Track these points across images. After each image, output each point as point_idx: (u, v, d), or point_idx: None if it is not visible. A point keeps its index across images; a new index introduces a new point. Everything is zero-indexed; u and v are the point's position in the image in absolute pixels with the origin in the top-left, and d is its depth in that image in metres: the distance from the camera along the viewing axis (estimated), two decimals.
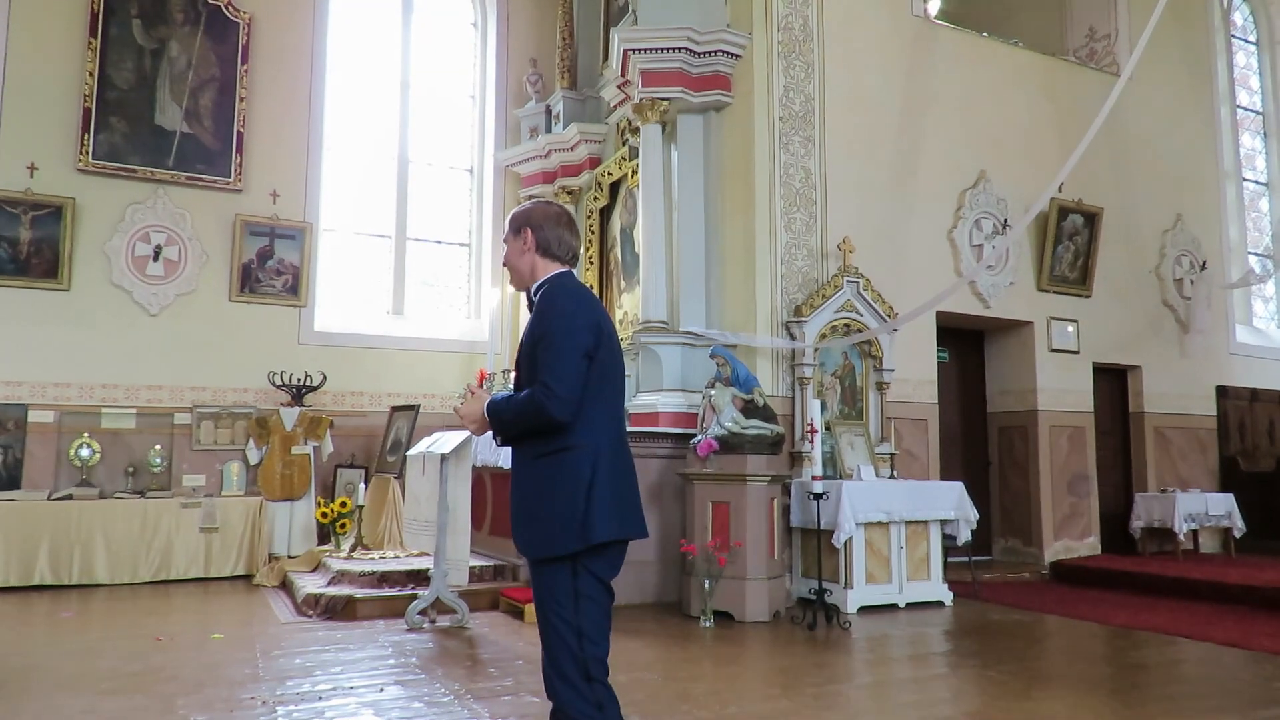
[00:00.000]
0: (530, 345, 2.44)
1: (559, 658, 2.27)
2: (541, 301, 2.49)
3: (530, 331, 2.46)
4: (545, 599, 2.33)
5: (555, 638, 2.29)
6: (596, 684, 2.26)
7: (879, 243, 7.70)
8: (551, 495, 2.34)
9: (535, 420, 2.35)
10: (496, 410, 2.44)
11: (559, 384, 2.32)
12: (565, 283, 2.52)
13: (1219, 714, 3.90)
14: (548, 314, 2.43)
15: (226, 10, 8.74)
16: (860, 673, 4.74)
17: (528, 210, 2.63)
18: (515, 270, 2.61)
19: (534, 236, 2.55)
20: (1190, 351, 9.77)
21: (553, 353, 2.36)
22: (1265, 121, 11.96)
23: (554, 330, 2.39)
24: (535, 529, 2.35)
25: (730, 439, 6.18)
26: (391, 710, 3.79)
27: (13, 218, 7.91)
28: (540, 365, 2.36)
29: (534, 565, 2.37)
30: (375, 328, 9.42)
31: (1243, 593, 6.86)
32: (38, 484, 7.72)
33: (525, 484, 2.42)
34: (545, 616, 2.33)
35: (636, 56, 7.42)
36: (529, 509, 2.38)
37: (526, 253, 2.56)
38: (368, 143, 9.84)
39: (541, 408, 2.32)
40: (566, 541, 2.30)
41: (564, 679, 2.25)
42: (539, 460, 2.38)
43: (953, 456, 8.60)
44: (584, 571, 2.30)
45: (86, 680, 4.18)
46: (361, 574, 6.44)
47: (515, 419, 2.40)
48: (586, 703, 2.22)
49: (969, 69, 8.53)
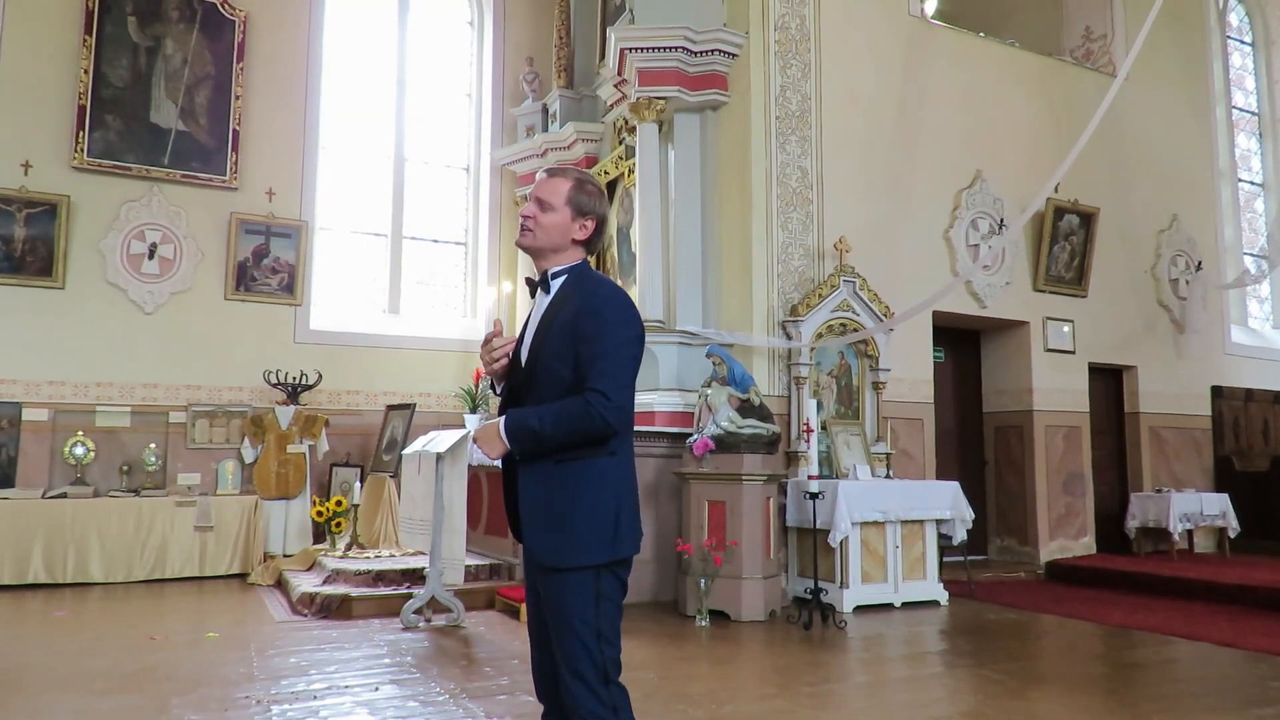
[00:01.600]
0: (566, 341, 2.19)
1: (577, 661, 2.14)
2: (586, 296, 2.23)
3: (570, 326, 2.19)
4: (564, 604, 2.17)
5: (573, 641, 2.14)
6: (613, 686, 2.16)
7: (875, 242, 7.70)
8: (581, 503, 2.18)
9: (587, 432, 2.14)
10: (527, 428, 2.15)
11: (618, 393, 2.15)
12: (604, 280, 2.34)
13: (1213, 713, 3.91)
14: (601, 313, 2.19)
15: (222, 8, 8.71)
16: (856, 672, 4.74)
17: (599, 196, 2.35)
18: (544, 233, 2.29)
19: (593, 228, 2.32)
20: (1185, 351, 9.80)
21: (610, 359, 2.15)
22: (1261, 122, 11.99)
23: (609, 334, 2.17)
24: (562, 537, 2.17)
25: (726, 438, 6.18)
26: (386, 709, 3.78)
27: (7, 215, 7.88)
28: (593, 369, 2.14)
29: (553, 571, 2.19)
30: (371, 326, 9.41)
31: (1237, 592, 6.87)
32: (32, 482, 7.70)
33: (548, 489, 2.20)
34: (564, 621, 2.16)
35: (633, 55, 7.42)
36: (553, 515, 2.18)
37: (572, 233, 2.30)
38: (364, 141, 9.82)
39: (600, 418, 2.12)
40: (598, 551, 2.17)
41: (581, 681, 2.13)
42: (564, 465, 2.18)
43: (948, 456, 8.61)
44: (606, 574, 2.19)
45: (80, 679, 4.17)
46: (357, 573, 6.43)
47: (559, 432, 2.14)
48: (602, 705, 2.11)
49: (965, 69, 8.54)
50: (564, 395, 2.17)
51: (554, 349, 2.20)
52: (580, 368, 2.17)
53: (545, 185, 2.31)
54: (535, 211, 2.29)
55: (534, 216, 2.29)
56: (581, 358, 2.17)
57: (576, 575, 2.17)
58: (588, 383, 2.14)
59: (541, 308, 2.31)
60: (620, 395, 2.16)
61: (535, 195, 2.31)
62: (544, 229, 2.29)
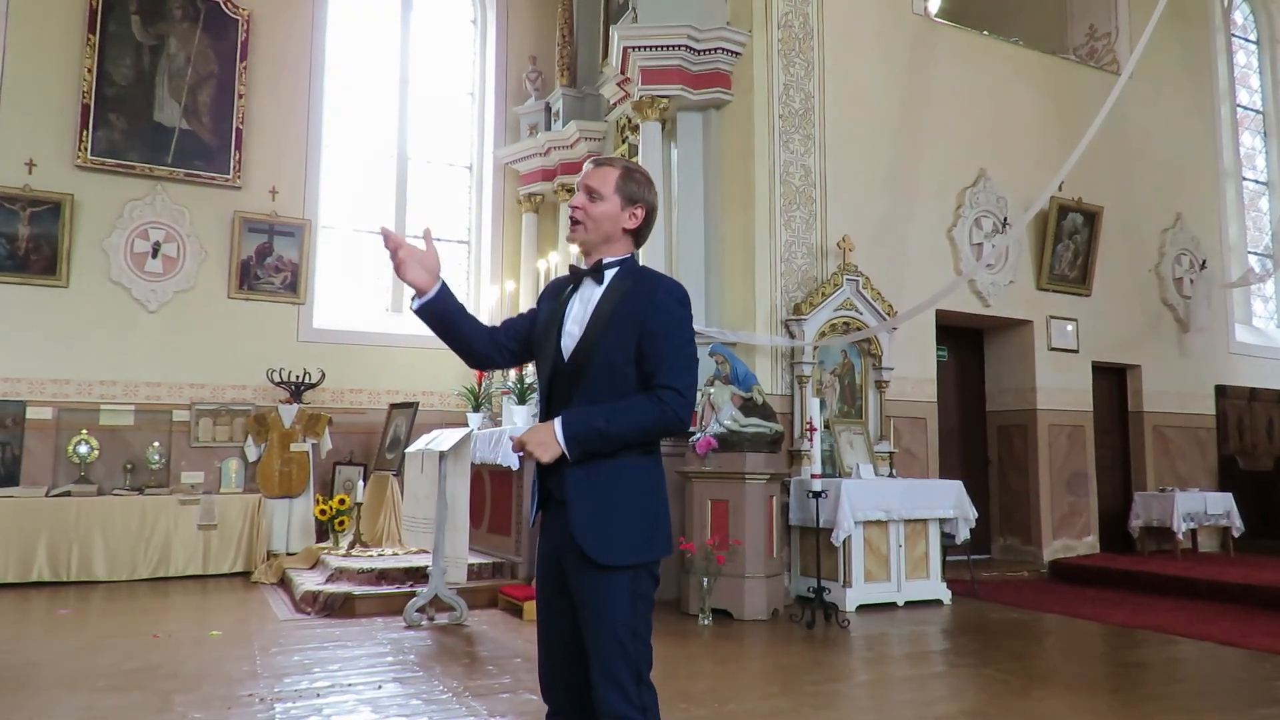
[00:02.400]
0: (630, 334, 2.14)
1: (611, 661, 2.08)
2: (653, 291, 2.19)
3: (636, 320, 2.15)
4: (606, 603, 2.10)
5: (609, 640, 2.09)
6: (645, 687, 2.11)
7: (878, 241, 7.69)
8: (632, 501, 2.15)
9: (660, 430, 2.13)
10: (592, 428, 2.09)
11: (689, 390, 2.14)
12: (665, 275, 2.33)
13: (1217, 712, 3.90)
14: (671, 311, 2.17)
15: (225, 7, 8.72)
16: (858, 671, 4.74)
17: (648, 185, 2.31)
18: (595, 225, 2.24)
19: (643, 216, 2.28)
20: (1189, 351, 9.78)
21: (680, 356, 2.15)
22: (1265, 120, 11.96)
23: (679, 332, 2.17)
24: (614, 535, 2.12)
25: (729, 437, 6.18)
26: (389, 708, 3.78)
27: (11, 214, 7.89)
28: (664, 366, 2.12)
29: (600, 569, 2.12)
30: (374, 325, 9.41)
31: (1241, 592, 6.86)
32: (36, 480, 7.71)
33: (601, 486, 2.14)
34: (603, 620, 2.10)
35: (636, 54, 7.42)
36: (606, 512, 2.13)
37: (622, 221, 2.26)
38: (367, 140, 9.82)
39: (675, 415, 2.11)
40: (643, 550, 2.14)
41: (612, 682, 2.07)
42: (614, 462, 2.14)
43: (952, 455, 8.60)
44: (644, 572, 2.15)
45: (84, 677, 4.17)
46: (360, 571, 6.43)
47: (629, 431, 2.10)
48: (632, 707, 2.06)
49: (969, 67, 8.52)
50: (619, 388, 2.13)
51: (616, 341, 2.15)
52: (644, 363, 2.14)
53: (594, 174, 2.27)
54: (584, 202, 2.25)
55: (583, 208, 2.25)
56: (649, 353, 2.14)
57: (622, 574, 2.12)
58: (659, 379, 2.12)
59: (591, 299, 2.23)
60: (691, 393, 2.16)
61: (584, 184, 2.26)
62: (594, 220, 2.24)
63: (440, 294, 2.24)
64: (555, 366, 2.21)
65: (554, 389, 2.21)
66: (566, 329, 2.22)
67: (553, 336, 2.23)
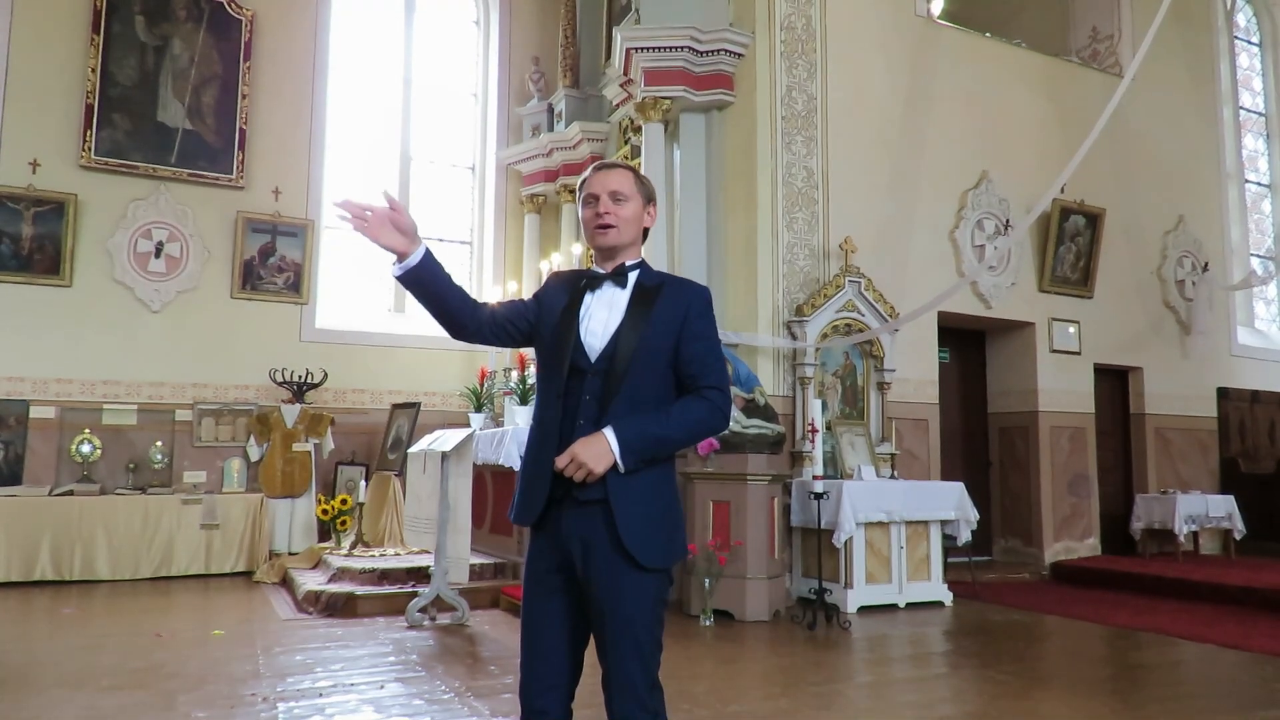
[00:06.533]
0: (670, 337, 2.15)
1: (627, 663, 2.06)
2: (688, 294, 2.21)
3: (676, 323, 2.16)
4: (637, 606, 2.08)
5: (630, 643, 2.07)
6: (656, 690, 2.10)
7: (881, 242, 7.70)
8: (670, 505, 2.17)
9: (710, 430, 2.18)
10: (650, 436, 2.08)
11: (729, 388, 2.22)
12: (687, 279, 2.35)
13: (1218, 715, 3.90)
14: (708, 314, 2.22)
15: (229, 7, 8.74)
16: (860, 672, 4.75)
17: (651, 183, 2.35)
18: (627, 226, 2.22)
19: (653, 215, 2.32)
20: (1191, 353, 9.78)
21: (719, 358, 2.20)
22: (1268, 123, 11.95)
23: (715, 333, 2.22)
24: (657, 539, 2.11)
25: (731, 438, 6.18)
26: (392, 707, 3.79)
27: (15, 214, 7.91)
28: (706, 368, 2.16)
29: (636, 570, 2.08)
30: (377, 325, 9.43)
31: (1242, 594, 6.86)
32: (39, 480, 7.73)
33: (646, 491, 2.12)
34: (629, 623, 2.07)
35: (639, 55, 7.42)
36: (652, 517, 2.11)
37: (644, 221, 2.27)
38: (370, 140, 9.84)
39: (723, 415, 2.15)
40: (672, 553, 2.16)
41: (628, 687, 2.05)
42: (656, 467, 2.14)
43: (953, 457, 8.60)
44: (667, 575, 2.17)
45: (87, 676, 4.18)
46: (362, 571, 6.44)
47: (685, 435, 2.14)
48: (645, 711, 2.05)
49: (972, 69, 8.52)
50: (660, 389, 2.13)
51: (656, 344, 2.14)
52: (687, 365, 2.15)
53: (614, 177, 2.24)
54: (613, 206, 2.22)
55: (613, 212, 2.21)
56: (692, 355, 2.15)
57: (654, 577, 2.11)
58: (704, 380, 2.14)
59: (616, 302, 2.20)
60: (730, 391, 2.23)
61: (609, 189, 2.22)
62: (626, 221, 2.22)
63: (425, 259, 2.14)
64: (579, 367, 2.15)
65: (578, 389, 2.14)
66: (589, 329, 2.17)
67: (570, 337, 2.17)
